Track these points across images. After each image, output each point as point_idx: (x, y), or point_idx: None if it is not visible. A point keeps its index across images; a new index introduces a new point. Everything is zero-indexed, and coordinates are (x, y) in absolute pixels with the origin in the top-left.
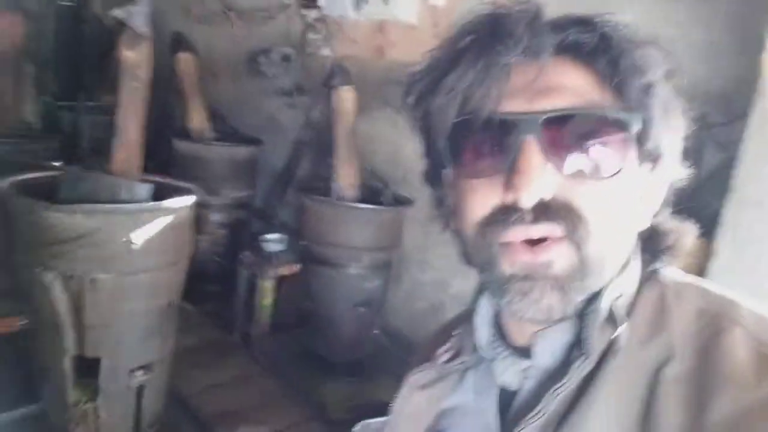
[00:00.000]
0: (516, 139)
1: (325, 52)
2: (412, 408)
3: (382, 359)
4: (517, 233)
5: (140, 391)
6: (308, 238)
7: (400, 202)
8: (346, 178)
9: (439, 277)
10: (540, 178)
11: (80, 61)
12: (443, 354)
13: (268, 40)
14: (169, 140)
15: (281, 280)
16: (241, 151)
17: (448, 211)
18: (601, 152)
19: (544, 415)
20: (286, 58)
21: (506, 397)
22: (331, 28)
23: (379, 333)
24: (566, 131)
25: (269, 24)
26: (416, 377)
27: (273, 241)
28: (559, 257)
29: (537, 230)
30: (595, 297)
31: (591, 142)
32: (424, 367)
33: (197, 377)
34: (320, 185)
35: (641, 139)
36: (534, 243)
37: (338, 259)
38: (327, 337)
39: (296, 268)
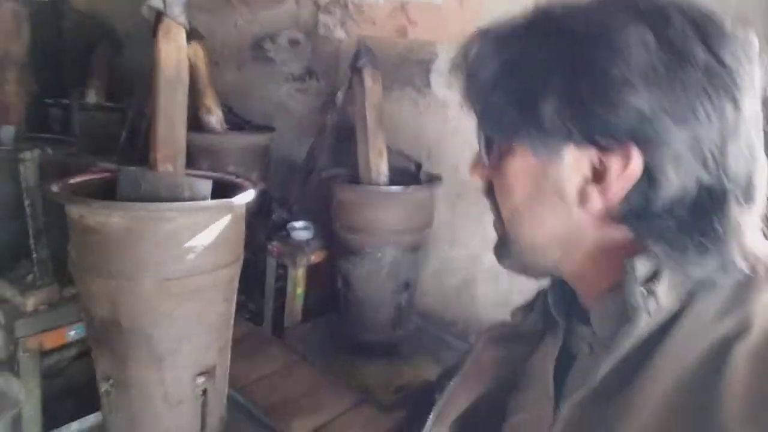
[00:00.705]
0: None
1: (339, 34)
2: (483, 360)
3: (416, 339)
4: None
5: (204, 396)
6: (340, 225)
7: (430, 179)
8: (375, 161)
9: (469, 253)
10: (473, 167)
11: (61, 58)
12: (522, 316)
13: (274, 25)
14: None
15: (311, 268)
16: (256, 140)
17: None
18: (506, 161)
19: (590, 385)
20: (294, 43)
21: (569, 362)
22: (348, 9)
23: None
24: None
25: (276, 8)
26: (492, 332)
27: (301, 229)
28: (497, 228)
29: (488, 200)
30: (656, 271)
31: (505, 154)
32: (502, 324)
33: (240, 372)
34: (346, 170)
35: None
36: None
37: (373, 245)
38: (363, 322)
39: (324, 254)
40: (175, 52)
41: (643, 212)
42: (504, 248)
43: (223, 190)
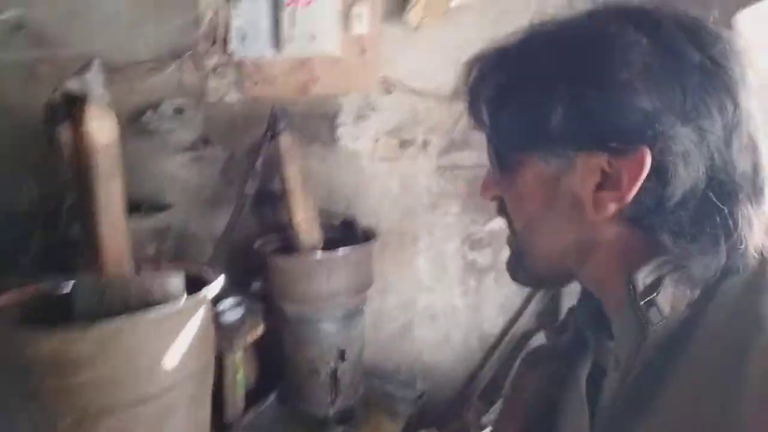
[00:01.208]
0: None
1: (233, 98)
2: (525, 385)
3: (366, 398)
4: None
5: None
6: (278, 295)
7: (366, 236)
8: (305, 225)
9: (402, 299)
10: (485, 184)
11: None
12: (553, 332)
13: (155, 94)
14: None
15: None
16: (154, 221)
17: None
18: (518, 173)
19: (619, 395)
20: (179, 111)
21: (602, 376)
22: (242, 71)
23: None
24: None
25: (155, 76)
26: (532, 355)
27: (231, 309)
28: (510, 242)
29: (500, 217)
30: (657, 281)
31: (517, 167)
32: (538, 346)
33: None
34: (277, 237)
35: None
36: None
37: (315, 312)
38: (313, 394)
39: (261, 329)
40: (107, 139)
41: (656, 209)
42: (517, 262)
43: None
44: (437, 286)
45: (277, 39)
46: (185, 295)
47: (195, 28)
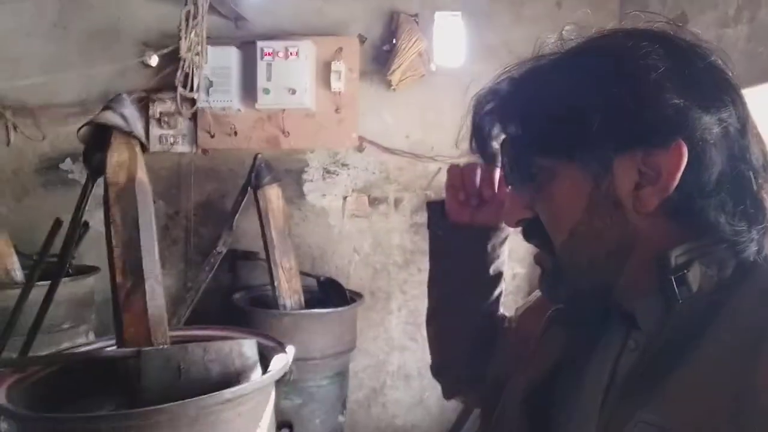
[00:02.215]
0: None
1: (183, 148)
2: (549, 338)
3: None
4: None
5: None
6: None
7: (353, 298)
8: (288, 284)
9: (373, 360)
10: (511, 208)
11: None
12: (562, 305)
13: (73, 143)
14: None
15: None
16: (80, 285)
17: None
18: (542, 172)
19: (637, 375)
20: None
21: (619, 355)
22: (203, 121)
23: None
24: (534, 177)
25: (75, 123)
26: (559, 313)
27: None
28: (544, 259)
29: (529, 240)
30: (688, 262)
31: (532, 169)
32: (569, 308)
33: None
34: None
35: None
36: (536, 246)
37: (304, 373)
38: None
39: None
40: (142, 174)
41: (693, 197)
42: (557, 279)
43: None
44: (411, 344)
45: (248, 90)
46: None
47: (139, 73)
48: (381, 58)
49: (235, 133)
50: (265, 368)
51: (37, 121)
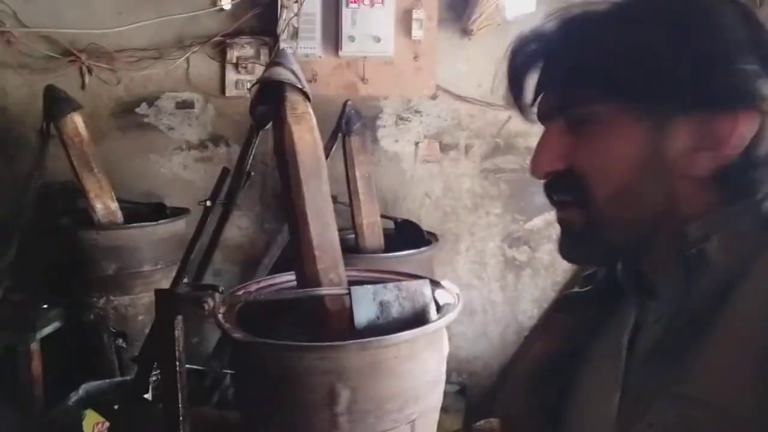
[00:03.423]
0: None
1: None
2: (555, 325)
3: None
4: (551, 196)
5: None
6: None
7: (428, 239)
8: (369, 228)
9: None
10: (544, 156)
11: None
12: (588, 283)
13: (150, 86)
14: (63, 234)
15: None
16: (174, 228)
17: None
18: (597, 122)
19: (663, 344)
20: (185, 105)
21: (635, 333)
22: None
23: None
24: (568, 114)
25: (152, 67)
26: (564, 299)
27: None
28: (576, 216)
29: (558, 195)
30: (706, 234)
31: (585, 116)
32: (573, 292)
33: None
34: None
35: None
36: (561, 203)
37: None
38: None
39: None
40: (309, 135)
41: (747, 167)
42: (587, 236)
43: None
44: (477, 282)
45: (328, 37)
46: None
47: (213, 17)
48: (456, 7)
49: (315, 79)
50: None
51: (112, 66)
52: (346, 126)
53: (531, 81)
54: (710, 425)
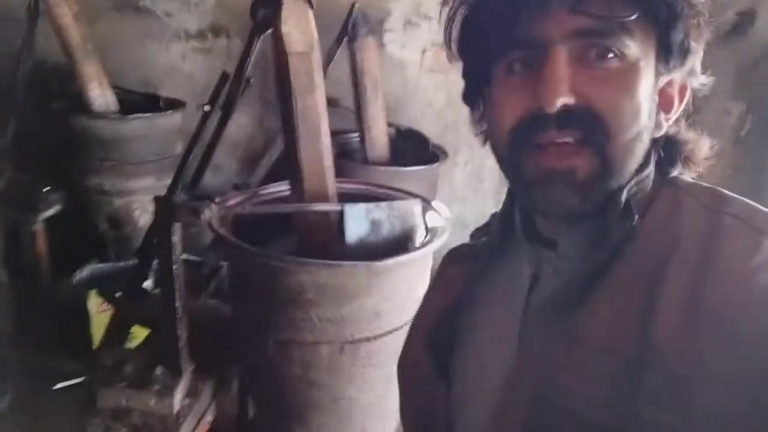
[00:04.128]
0: (545, 51)
1: None
2: (447, 278)
3: None
4: (543, 138)
5: None
6: None
7: (436, 155)
8: (378, 139)
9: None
10: (562, 85)
11: None
12: (480, 236)
13: None
14: (57, 118)
15: None
16: (170, 121)
17: (485, 127)
18: (622, 59)
19: (560, 297)
20: None
21: (532, 284)
22: None
23: None
24: (590, 42)
25: None
26: (455, 252)
27: None
28: (581, 162)
29: (561, 135)
30: (615, 193)
31: (613, 48)
32: (463, 245)
33: None
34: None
35: (663, 41)
36: (560, 147)
37: None
38: None
39: None
40: (306, 43)
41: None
42: (594, 184)
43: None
44: (472, 196)
45: None
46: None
47: None
48: None
49: None
50: None
51: None
52: (352, 30)
53: None
54: (597, 365)
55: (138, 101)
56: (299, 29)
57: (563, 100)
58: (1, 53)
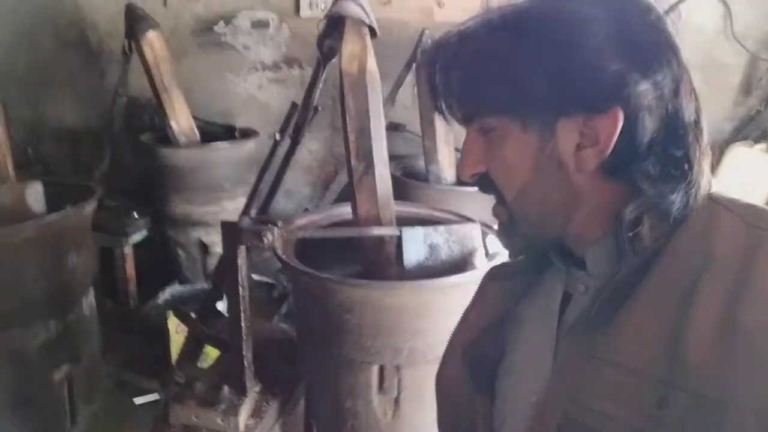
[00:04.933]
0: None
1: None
2: (485, 295)
3: None
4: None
5: None
6: None
7: None
8: (445, 160)
9: None
10: (466, 160)
11: None
12: (515, 253)
13: (226, 4)
14: (145, 149)
15: None
16: (247, 148)
17: None
18: (503, 146)
19: (588, 315)
20: (261, 24)
21: (565, 302)
22: None
23: None
24: (486, 134)
25: None
26: (493, 270)
27: None
28: (500, 212)
29: (485, 194)
30: (638, 217)
31: (501, 140)
32: (503, 263)
33: None
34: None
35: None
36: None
37: None
38: None
39: None
40: (370, 71)
41: (630, 159)
42: (512, 230)
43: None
44: None
45: None
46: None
47: None
48: None
49: (390, 2)
50: None
51: None
52: (421, 56)
53: (447, 89)
54: (625, 385)
55: (217, 131)
56: (358, 56)
57: (470, 171)
58: (99, 91)
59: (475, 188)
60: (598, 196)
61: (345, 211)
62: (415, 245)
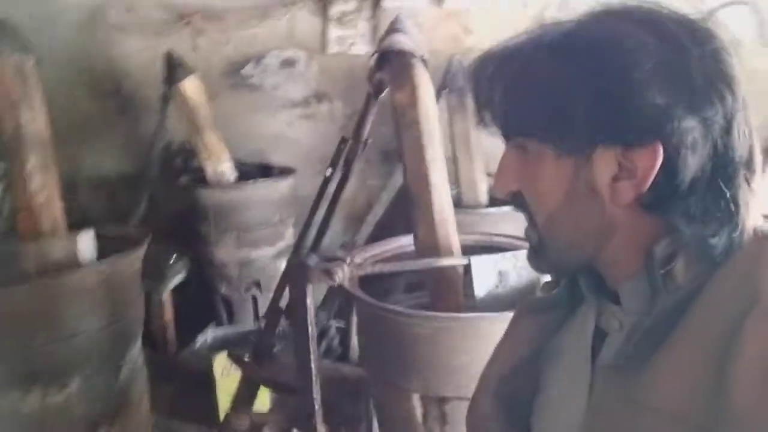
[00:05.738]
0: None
1: (359, 49)
2: (518, 330)
3: None
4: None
5: None
6: None
7: None
8: (474, 184)
9: None
10: (500, 178)
11: None
12: (551, 288)
13: (255, 46)
14: (182, 192)
15: None
16: (282, 186)
17: None
18: (538, 167)
19: (624, 354)
20: (288, 63)
21: (600, 339)
22: (375, 19)
23: None
24: (522, 153)
25: (256, 25)
26: (527, 303)
27: None
28: (530, 233)
29: (518, 213)
30: (672, 254)
31: (536, 161)
32: (536, 297)
33: None
34: None
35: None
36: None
37: None
38: None
39: None
40: (428, 101)
41: (669, 196)
42: (541, 253)
43: None
44: None
45: None
46: None
47: None
48: None
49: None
50: None
51: (220, 24)
52: (450, 82)
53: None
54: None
55: (252, 172)
56: (423, 87)
57: (504, 189)
58: (134, 139)
59: (507, 210)
60: (633, 229)
61: (404, 242)
62: (485, 273)
